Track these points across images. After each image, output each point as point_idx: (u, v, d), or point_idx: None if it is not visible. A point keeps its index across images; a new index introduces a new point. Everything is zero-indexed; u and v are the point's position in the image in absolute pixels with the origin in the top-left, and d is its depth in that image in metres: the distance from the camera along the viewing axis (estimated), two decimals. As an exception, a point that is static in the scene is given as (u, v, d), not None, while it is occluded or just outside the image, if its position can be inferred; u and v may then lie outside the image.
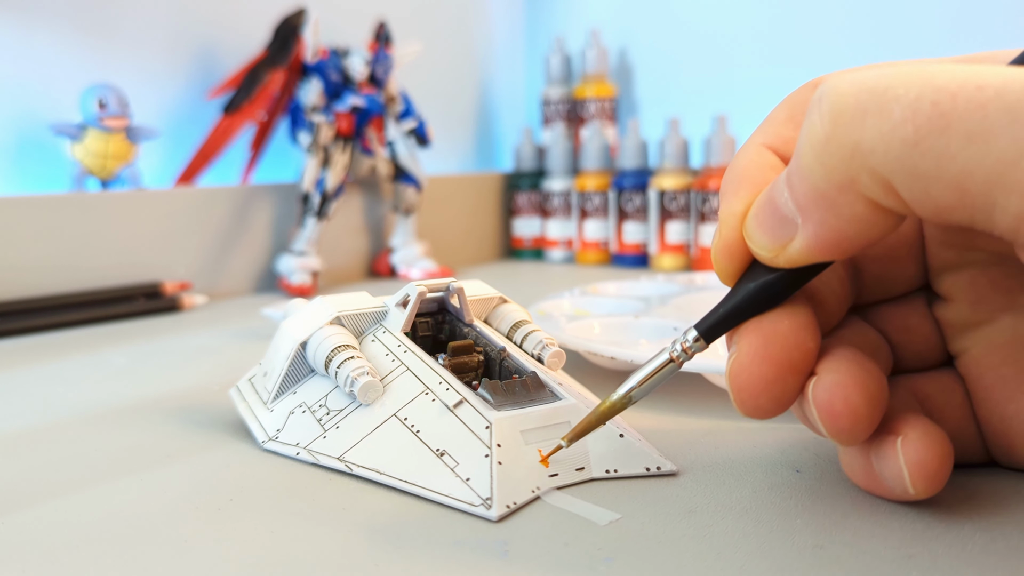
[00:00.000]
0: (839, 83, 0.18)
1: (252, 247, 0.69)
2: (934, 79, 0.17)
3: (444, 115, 0.92)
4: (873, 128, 0.17)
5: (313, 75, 0.68)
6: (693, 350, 0.23)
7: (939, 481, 0.21)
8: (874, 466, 0.22)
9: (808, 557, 0.20)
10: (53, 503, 0.25)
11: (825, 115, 0.18)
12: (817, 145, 0.18)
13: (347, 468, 0.26)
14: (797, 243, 0.20)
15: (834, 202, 0.19)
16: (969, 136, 0.16)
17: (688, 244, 0.78)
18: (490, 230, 0.91)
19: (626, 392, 0.23)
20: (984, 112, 0.16)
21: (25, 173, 0.62)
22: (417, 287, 0.30)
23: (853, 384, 0.21)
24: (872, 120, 0.17)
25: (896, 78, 0.17)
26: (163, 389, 0.38)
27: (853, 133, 0.18)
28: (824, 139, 0.18)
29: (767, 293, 0.22)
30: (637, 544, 0.21)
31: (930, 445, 0.21)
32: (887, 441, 0.22)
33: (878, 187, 0.18)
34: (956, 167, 0.16)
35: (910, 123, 0.17)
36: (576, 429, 0.24)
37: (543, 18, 1.03)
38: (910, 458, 0.21)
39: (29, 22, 0.61)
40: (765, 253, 0.21)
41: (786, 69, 0.84)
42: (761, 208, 0.21)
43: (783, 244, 0.20)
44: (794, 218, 0.20)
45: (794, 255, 0.20)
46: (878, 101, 0.17)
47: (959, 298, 0.24)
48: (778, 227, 0.20)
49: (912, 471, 0.21)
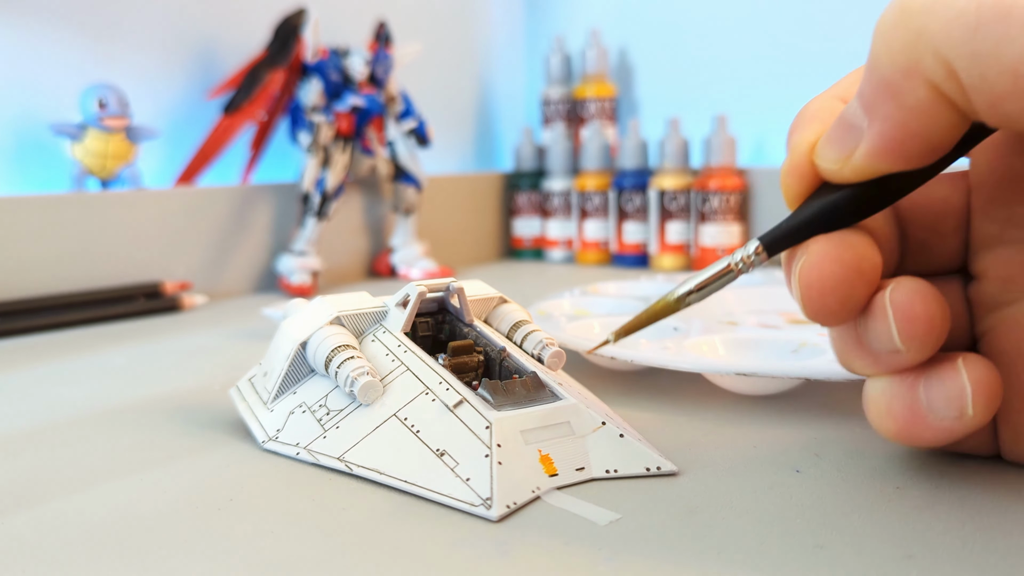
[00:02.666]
0: None
1: (252, 247, 0.69)
2: None
3: (444, 115, 0.92)
4: (939, 14, 0.18)
5: (313, 75, 0.68)
6: (754, 261, 0.23)
7: (996, 406, 0.22)
8: (921, 395, 0.22)
9: (808, 557, 0.20)
10: (53, 503, 0.25)
11: (895, 6, 0.20)
12: (886, 32, 0.20)
13: (347, 468, 0.26)
14: (863, 147, 0.21)
15: (899, 89, 0.19)
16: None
17: (688, 244, 0.78)
18: (490, 230, 0.91)
19: (683, 294, 0.24)
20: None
21: (25, 173, 0.62)
22: (417, 287, 0.30)
23: (932, 293, 0.22)
24: (939, 7, 0.19)
25: None
26: (163, 389, 0.38)
27: (920, 18, 0.19)
28: (892, 25, 0.19)
29: (833, 212, 0.22)
30: (637, 544, 0.21)
31: (991, 368, 0.22)
32: (944, 363, 0.22)
33: (941, 68, 0.19)
34: (1013, 52, 0.18)
35: (974, 11, 0.18)
36: (627, 325, 0.24)
37: (543, 18, 1.03)
38: (975, 376, 0.21)
39: (29, 22, 0.61)
40: (832, 165, 0.22)
41: (786, 69, 0.84)
42: (833, 126, 0.22)
43: (850, 152, 0.21)
44: (860, 124, 0.21)
45: (859, 162, 0.21)
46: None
47: (991, 276, 0.24)
48: (846, 136, 0.21)
49: (976, 389, 0.21)
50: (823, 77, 0.77)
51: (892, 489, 0.24)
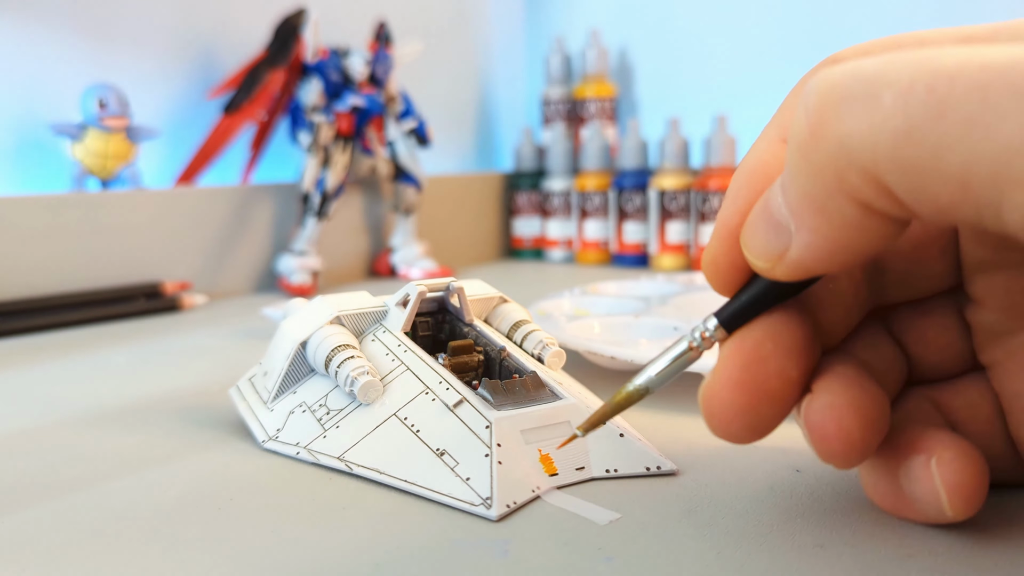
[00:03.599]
0: (828, 72, 0.16)
1: (252, 247, 0.69)
2: (931, 62, 0.15)
3: (444, 115, 0.92)
4: (860, 119, 0.15)
5: (313, 75, 0.68)
6: (713, 339, 0.22)
7: (978, 502, 0.20)
8: (904, 487, 0.21)
9: (808, 557, 0.20)
10: (53, 503, 0.25)
11: (811, 108, 0.16)
12: (802, 142, 0.17)
13: (347, 468, 0.26)
14: (792, 253, 0.18)
15: (824, 206, 0.17)
16: (969, 122, 0.14)
17: (688, 244, 0.78)
18: (490, 230, 0.91)
19: (643, 383, 0.22)
20: (985, 94, 0.14)
21: (25, 173, 0.62)
22: (417, 287, 0.30)
23: (848, 406, 0.20)
24: (859, 110, 0.16)
25: (890, 63, 0.16)
26: (163, 389, 0.38)
27: (839, 126, 0.16)
28: (809, 134, 0.16)
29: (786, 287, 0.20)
30: (637, 544, 0.21)
31: (967, 465, 0.20)
32: (918, 461, 0.20)
33: (869, 187, 0.16)
34: (956, 158, 0.14)
35: (901, 111, 0.15)
36: (591, 419, 0.23)
37: (543, 18, 1.03)
38: (947, 480, 0.20)
39: (29, 22, 0.61)
40: (761, 264, 0.19)
41: (786, 69, 0.84)
42: (757, 215, 0.19)
43: (779, 254, 0.18)
44: (788, 225, 0.18)
45: (790, 267, 0.18)
46: (866, 89, 0.16)
47: (992, 303, 0.22)
48: (772, 235, 0.18)
49: (950, 493, 0.20)
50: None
51: (892, 489, 0.24)
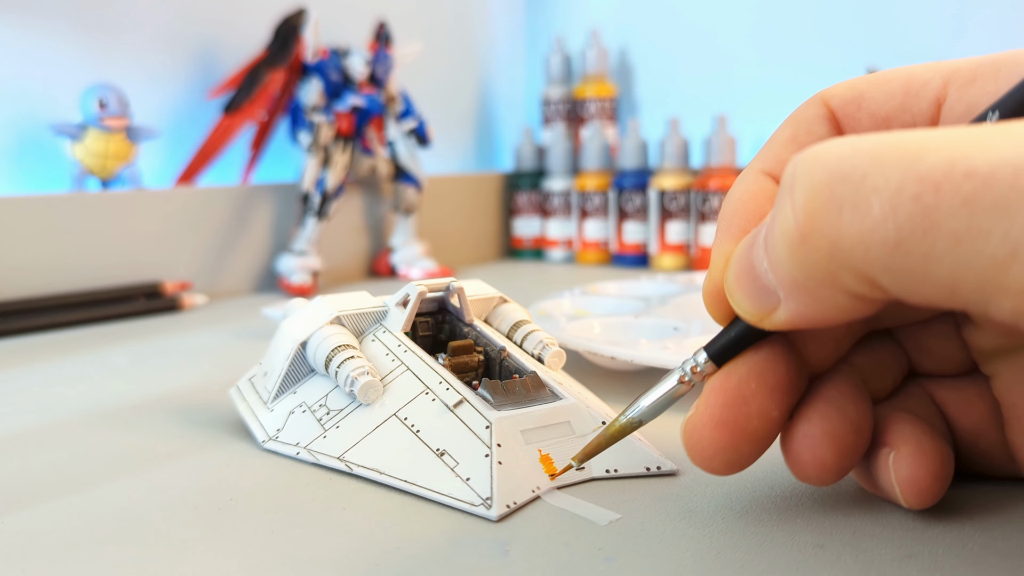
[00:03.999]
0: (812, 167, 0.17)
1: (252, 247, 0.69)
2: (917, 164, 0.15)
3: (444, 115, 0.92)
4: (851, 227, 0.16)
5: (313, 75, 0.68)
6: (704, 372, 0.22)
7: (931, 497, 0.21)
8: (871, 474, 0.22)
9: (808, 557, 0.20)
10: (53, 503, 0.25)
11: (799, 209, 0.17)
12: (792, 243, 0.17)
13: (347, 468, 0.26)
14: (781, 315, 0.19)
15: (814, 293, 0.18)
16: (956, 237, 0.15)
17: (688, 244, 0.78)
18: (490, 230, 0.91)
19: (636, 416, 0.23)
20: (971, 209, 0.15)
21: (25, 173, 0.62)
22: (417, 287, 0.30)
23: (823, 436, 0.21)
24: (849, 216, 0.16)
25: (876, 163, 0.16)
26: (163, 389, 0.38)
27: (830, 232, 0.16)
28: (800, 238, 0.17)
29: None
30: (637, 544, 0.21)
31: (923, 462, 0.21)
32: (880, 454, 0.22)
33: (861, 283, 0.17)
34: (944, 270, 0.15)
35: (891, 221, 0.15)
36: (586, 450, 0.24)
37: (543, 18, 1.03)
38: (901, 474, 0.21)
39: (29, 22, 0.61)
40: (748, 317, 0.20)
41: (786, 69, 0.84)
42: (741, 274, 0.20)
43: (767, 312, 0.19)
44: (775, 290, 0.19)
45: (778, 325, 0.19)
46: (855, 193, 0.16)
47: (988, 325, 0.22)
48: (759, 296, 0.19)
49: (903, 486, 0.21)
50: (823, 77, 0.77)
51: (892, 489, 0.24)
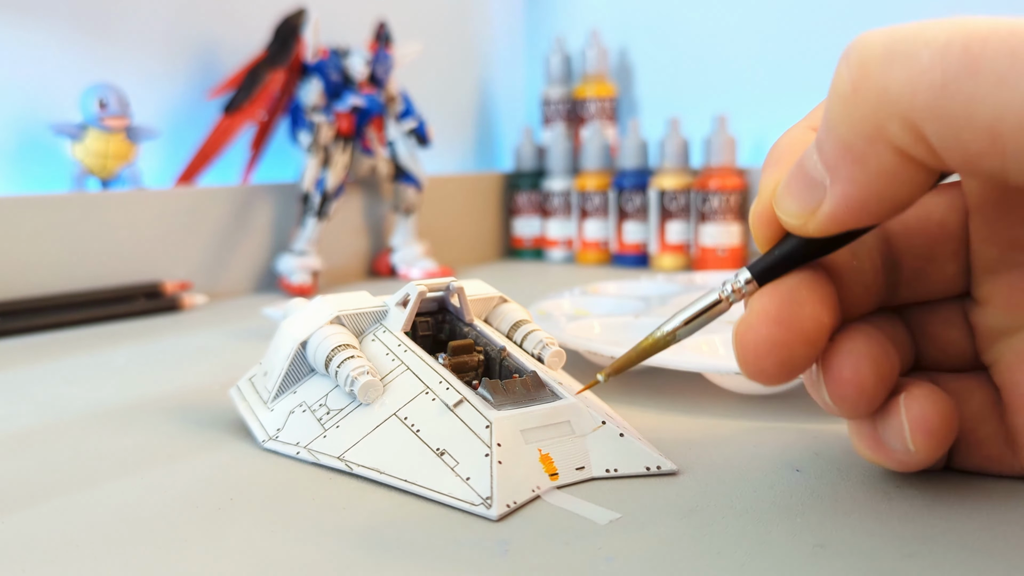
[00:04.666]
0: (868, 34, 0.18)
1: (252, 247, 0.69)
2: (965, 26, 0.17)
3: (444, 115, 0.92)
4: (901, 73, 0.17)
5: (313, 75, 0.68)
6: (744, 292, 0.22)
7: (940, 439, 0.21)
8: (878, 428, 0.22)
9: (808, 556, 0.20)
10: (53, 503, 0.25)
11: (852, 65, 0.18)
12: (844, 95, 0.18)
13: (347, 468, 0.26)
14: (826, 206, 0.19)
15: (862, 154, 0.18)
16: (1000, 78, 0.16)
17: (688, 244, 0.78)
18: (490, 230, 0.91)
19: (672, 329, 0.22)
20: (1015, 55, 0.16)
21: (25, 173, 0.62)
22: (417, 287, 0.30)
23: (866, 357, 0.21)
24: (900, 66, 0.17)
25: (927, 27, 0.17)
26: (163, 389, 0.38)
27: (881, 80, 0.17)
28: (852, 88, 0.18)
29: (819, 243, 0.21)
30: (637, 544, 0.21)
31: (934, 403, 0.21)
32: (891, 401, 0.22)
33: (907, 134, 0.17)
34: (987, 110, 0.16)
35: (939, 67, 0.17)
36: (616, 364, 0.23)
37: (543, 18, 1.03)
38: (912, 413, 0.21)
39: (29, 22, 0.61)
40: (794, 220, 0.21)
41: (786, 69, 0.84)
42: (791, 175, 0.21)
43: (812, 209, 0.20)
44: (823, 180, 0.19)
45: (823, 220, 0.20)
46: (906, 47, 0.17)
47: (995, 302, 0.23)
48: (807, 191, 0.20)
49: (913, 426, 0.21)
50: (823, 76, 0.77)
51: (892, 488, 0.24)
